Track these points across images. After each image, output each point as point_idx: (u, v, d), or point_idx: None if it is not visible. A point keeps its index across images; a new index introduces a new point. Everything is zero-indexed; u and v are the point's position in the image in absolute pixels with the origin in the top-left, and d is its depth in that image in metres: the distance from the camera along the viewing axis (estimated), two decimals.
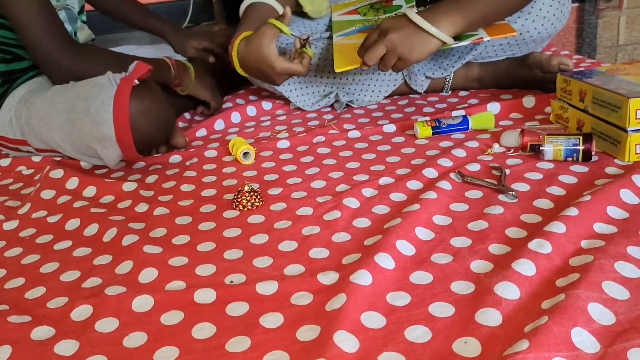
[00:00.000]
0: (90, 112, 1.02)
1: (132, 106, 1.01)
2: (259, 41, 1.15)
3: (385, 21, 1.08)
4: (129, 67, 1.07)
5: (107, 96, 1.02)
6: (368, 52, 1.07)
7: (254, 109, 1.39)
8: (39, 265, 0.81)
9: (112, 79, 1.04)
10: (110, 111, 1.00)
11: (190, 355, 0.61)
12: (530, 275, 0.66)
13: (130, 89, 1.01)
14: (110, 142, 1.02)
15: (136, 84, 1.03)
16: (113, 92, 1.01)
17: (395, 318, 0.63)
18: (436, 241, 0.76)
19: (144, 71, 1.05)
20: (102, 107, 1.01)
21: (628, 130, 0.91)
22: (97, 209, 0.95)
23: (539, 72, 1.26)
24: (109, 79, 1.05)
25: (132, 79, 1.03)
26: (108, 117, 1.01)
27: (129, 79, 1.03)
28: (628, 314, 0.59)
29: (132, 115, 1.01)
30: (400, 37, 1.04)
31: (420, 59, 1.07)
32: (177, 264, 0.77)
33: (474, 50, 1.30)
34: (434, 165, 0.97)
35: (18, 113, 1.15)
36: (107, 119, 1.01)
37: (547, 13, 1.25)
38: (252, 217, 0.88)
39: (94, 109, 1.02)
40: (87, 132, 1.04)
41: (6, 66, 1.18)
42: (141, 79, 1.05)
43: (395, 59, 1.07)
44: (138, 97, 1.03)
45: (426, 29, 1.03)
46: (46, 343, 0.64)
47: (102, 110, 1.01)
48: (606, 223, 0.75)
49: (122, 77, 1.04)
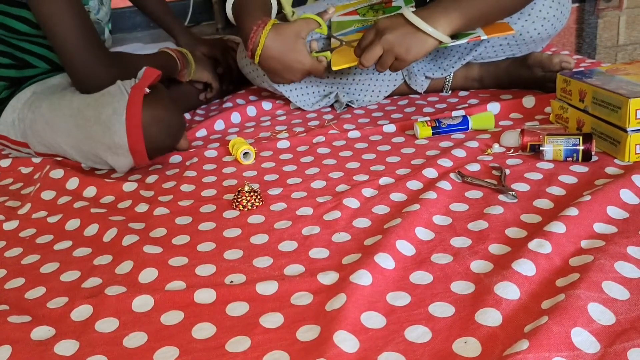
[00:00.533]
0: (102, 120, 1.02)
1: (144, 115, 1.01)
2: (296, 33, 1.13)
3: (382, 21, 1.08)
4: (138, 74, 1.07)
5: (119, 105, 1.01)
6: (365, 53, 1.06)
7: (254, 109, 1.39)
8: (39, 265, 0.81)
9: (122, 87, 1.04)
10: (123, 120, 1.00)
11: (190, 355, 0.61)
12: (530, 275, 0.66)
13: (142, 97, 1.01)
14: (122, 150, 1.02)
15: (147, 92, 1.02)
16: (125, 101, 1.01)
17: (395, 318, 0.63)
18: (436, 241, 0.76)
19: (154, 77, 1.05)
20: (115, 116, 1.00)
21: (628, 130, 0.91)
22: (97, 209, 0.95)
23: (540, 71, 1.26)
24: (118, 87, 1.04)
25: (143, 86, 1.02)
26: (120, 126, 1.00)
27: (140, 87, 1.02)
28: (628, 314, 0.59)
29: (145, 123, 1.01)
30: (396, 37, 1.04)
31: (417, 59, 1.07)
32: (177, 264, 0.77)
33: (474, 50, 1.29)
34: (434, 166, 0.97)
35: (22, 115, 1.14)
36: (119, 127, 1.00)
37: (547, 14, 1.25)
38: (252, 217, 0.88)
39: (105, 117, 1.01)
40: (97, 140, 1.03)
41: (17, 72, 1.18)
42: (151, 85, 1.05)
43: (392, 59, 1.07)
44: (150, 105, 1.02)
45: (422, 28, 1.02)
46: (46, 343, 0.64)
47: (115, 119, 1.00)
48: (606, 223, 0.75)
49: (132, 84, 1.03)
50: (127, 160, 1.04)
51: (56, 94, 1.12)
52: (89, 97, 1.06)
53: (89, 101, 1.05)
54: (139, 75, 1.06)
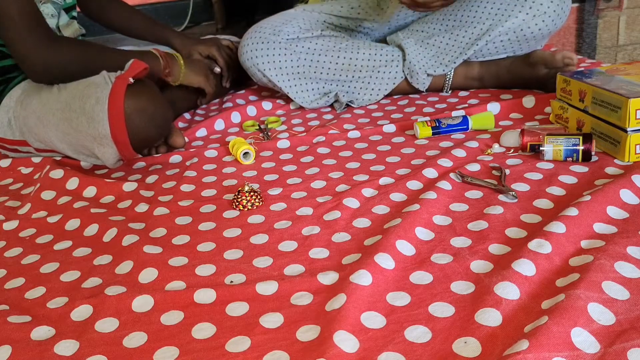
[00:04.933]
0: (86, 111, 1.03)
1: (127, 104, 1.02)
2: None
3: None
4: (125, 65, 1.07)
5: (102, 94, 1.02)
6: None
7: (254, 109, 1.39)
8: (39, 265, 0.81)
9: (107, 77, 1.05)
10: (105, 109, 1.01)
11: (190, 355, 0.61)
12: (530, 275, 0.66)
13: (125, 87, 1.02)
14: (106, 140, 1.03)
15: (131, 82, 1.03)
16: (108, 91, 1.02)
17: (395, 318, 0.63)
18: (436, 241, 0.76)
19: (140, 69, 1.06)
20: (98, 106, 1.02)
21: (628, 131, 0.91)
22: (97, 209, 0.95)
23: (543, 68, 1.26)
24: (104, 78, 1.05)
25: (127, 77, 1.03)
26: (103, 115, 1.01)
27: (124, 77, 1.03)
28: (628, 314, 0.59)
29: (128, 113, 1.02)
30: None
31: None
32: (177, 264, 0.77)
33: (474, 44, 1.30)
34: (434, 166, 0.97)
35: (16, 113, 1.15)
36: (102, 117, 1.01)
37: (547, 9, 1.26)
38: (252, 217, 0.88)
39: (89, 107, 1.02)
40: (83, 131, 1.04)
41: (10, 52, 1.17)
42: (137, 77, 1.05)
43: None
44: (133, 95, 1.03)
45: None
46: (46, 343, 0.64)
47: (98, 108, 1.02)
48: (606, 223, 0.75)
49: (117, 75, 1.05)
50: (112, 152, 1.05)
51: (45, 89, 1.12)
52: (76, 89, 1.06)
53: (75, 93, 1.06)
54: (126, 67, 1.07)
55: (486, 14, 1.30)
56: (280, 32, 1.34)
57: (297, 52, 1.34)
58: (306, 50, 1.34)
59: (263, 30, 1.35)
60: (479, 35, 1.30)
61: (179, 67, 1.29)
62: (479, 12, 1.31)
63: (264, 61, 1.33)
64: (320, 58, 1.34)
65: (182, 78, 1.30)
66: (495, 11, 1.29)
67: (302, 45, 1.34)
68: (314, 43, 1.34)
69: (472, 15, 1.32)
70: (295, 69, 1.34)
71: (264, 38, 1.34)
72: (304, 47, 1.34)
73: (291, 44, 1.33)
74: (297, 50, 1.34)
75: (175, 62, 1.29)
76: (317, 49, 1.34)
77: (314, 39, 1.35)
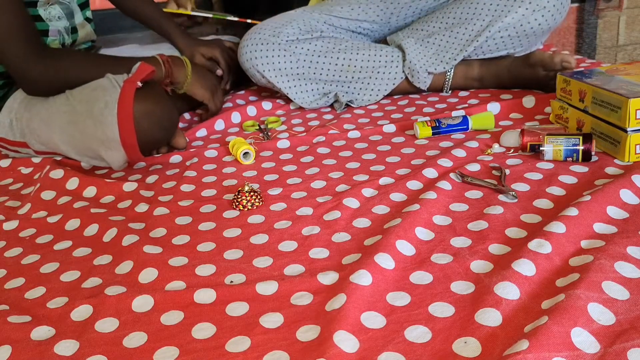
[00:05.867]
0: (94, 114, 1.02)
1: (136, 108, 1.01)
2: None
3: None
4: (132, 69, 1.07)
5: (111, 98, 1.02)
6: None
7: (254, 109, 1.39)
8: (39, 265, 0.81)
9: (115, 81, 1.05)
10: (114, 113, 1.00)
11: (190, 355, 0.61)
12: (530, 275, 0.66)
13: (133, 91, 1.02)
14: (114, 144, 1.03)
15: (139, 86, 1.03)
16: (117, 95, 1.02)
17: (395, 318, 0.63)
18: (436, 241, 0.76)
19: (147, 72, 1.05)
20: (107, 110, 1.01)
21: (628, 131, 0.91)
22: (97, 209, 0.95)
23: (541, 70, 1.27)
24: (110, 82, 1.05)
25: (135, 80, 1.03)
26: (112, 119, 1.01)
27: (132, 81, 1.03)
28: (628, 314, 0.59)
29: (136, 117, 1.02)
30: None
31: None
32: (177, 264, 0.77)
33: (474, 41, 1.30)
34: (434, 166, 0.97)
35: (19, 115, 1.15)
36: (111, 121, 1.01)
37: (547, 3, 1.26)
38: (252, 217, 0.88)
39: (97, 111, 1.02)
40: (90, 134, 1.04)
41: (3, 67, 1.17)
42: (144, 81, 1.05)
43: None
44: (142, 99, 1.03)
45: None
46: (46, 343, 0.64)
47: (107, 112, 1.01)
48: (606, 223, 0.75)
49: (124, 79, 1.04)
50: (120, 155, 1.04)
51: None
52: (82, 92, 1.06)
53: (81, 97, 1.06)
54: (133, 70, 1.07)
55: (485, 10, 1.30)
56: (279, 33, 1.34)
57: (296, 53, 1.34)
58: (305, 52, 1.34)
59: (263, 32, 1.35)
60: (478, 31, 1.30)
61: (184, 75, 1.24)
62: (478, 9, 1.31)
63: (263, 62, 1.33)
64: (319, 59, 1.34)
65: (186, 87, 1.26)
66: (495, 7, 1.29)
67: (302, 47, 1.34)
68: (314, 45, 1.34)
69: (471, 12, 1.32)
70: (294, 71, 1.34)
71: (264, 40, 1.34)
72: (303, 48, 1.34)
73: (290, 46, 1.33)
74: (296, 52, 1.34)
75: (181, 69, 1.24)
76: (316, 50, 1.34)
77: (313, 40, 1.35)
